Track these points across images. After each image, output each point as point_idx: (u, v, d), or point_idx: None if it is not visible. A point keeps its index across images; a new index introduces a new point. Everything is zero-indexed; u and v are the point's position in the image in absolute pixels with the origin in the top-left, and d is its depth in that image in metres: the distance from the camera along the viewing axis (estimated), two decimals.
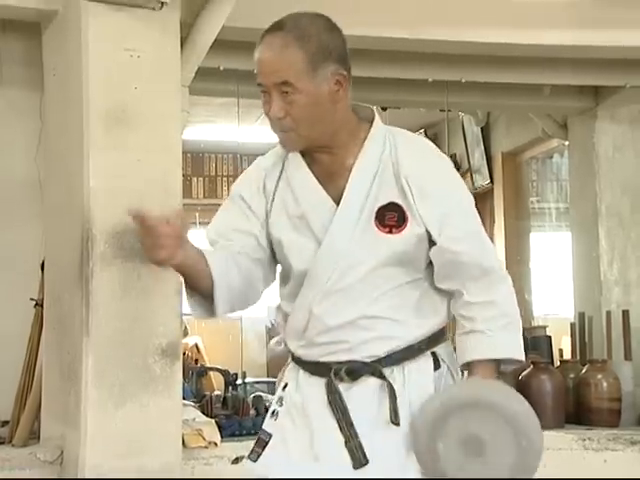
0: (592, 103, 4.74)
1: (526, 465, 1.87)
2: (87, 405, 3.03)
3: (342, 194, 1.91)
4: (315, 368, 1.96)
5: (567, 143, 5.13)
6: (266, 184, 2.00)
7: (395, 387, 1.90)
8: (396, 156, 1.94)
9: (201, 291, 1.88)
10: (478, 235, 1.96)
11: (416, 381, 1.92)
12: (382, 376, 1.91)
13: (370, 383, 1.92)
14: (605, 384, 3.98)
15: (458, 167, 6.42)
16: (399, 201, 1.90)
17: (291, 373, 2.03)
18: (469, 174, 6.27)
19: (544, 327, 4.79)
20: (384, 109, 5.54)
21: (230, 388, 4.01)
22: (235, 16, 3.33)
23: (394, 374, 1.91)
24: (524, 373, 3.96)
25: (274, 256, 2.02)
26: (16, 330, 3.48)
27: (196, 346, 5.72)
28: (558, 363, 4.29)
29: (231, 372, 4.10)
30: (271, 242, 2.00)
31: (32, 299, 3.46)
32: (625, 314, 4.33)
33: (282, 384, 2.04)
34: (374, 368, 1.91)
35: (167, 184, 3.19)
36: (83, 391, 3.04)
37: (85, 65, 3.12)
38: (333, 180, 1.94)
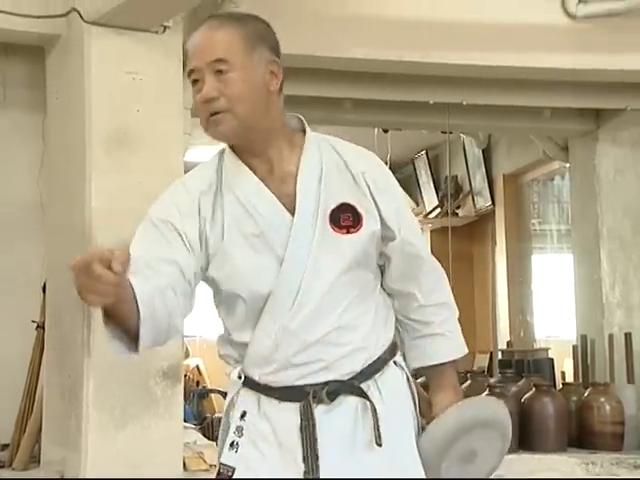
0: (593, 126, 4.76)
1: (502, 457, 2.02)
2: (88, 428, 3.02)
3: (293, 203, 1.85)
4: (287, 393, 1.86)
5: (568, 165, 5.14)
6: (201, 206, 1.86)
7: (374, 403, 1.87)
8: (340, 155, 1.92)
9: (123, 326, 1.72)
10: (420, 231, 2.04)
11: (391, 394, 1.91)
12: (361, 394, 1.87)
13: (349, 403, 1.87)
14: (608, 407, 3.96)
15: (460, 189, 6.44)
16: (350, 201, 1.88)
17: (248, 400, 1.90)
18: (470, 196, 6.28)
19: (546, 349, 4.78)
20: (385, 131, 5.57)
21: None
22: None
23: (371, 389, 1.88)
24: (526, 396, 3.95)
25: (196, 285, 1.87)
26: (17, 352, 3.47)
27: (197, 368, 5.71)
28: (560, 386, 4.28)
29: None
30: (202, 269, 1.85)
31: (33, 321, 3.45)
32: (627, 337, 4.32)
33: (238, 413, 1.89)
34: (352, 386, 1.87)
35: None
36: (84, 414, 3.03)
37: (87, 88, 3.13)
38: (278, 189, 1.87)
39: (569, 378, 4.46)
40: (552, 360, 4.52)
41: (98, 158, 3.13)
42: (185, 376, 3.85)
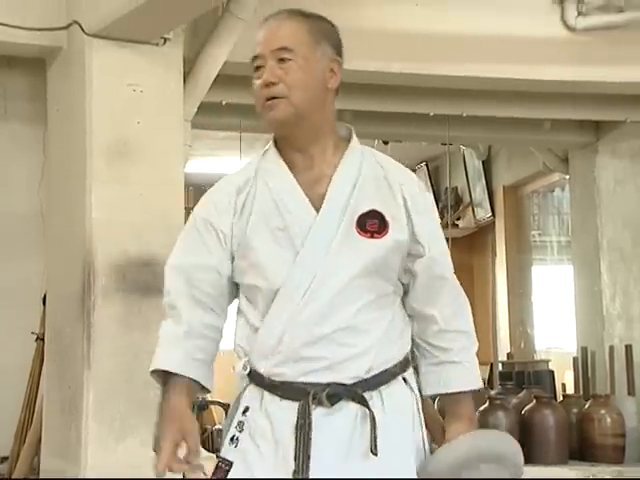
0: (593, 138, 4.77)
1: None
2: (87, 440, 3.02)
3: (321, 204, 1.89)
4: (289, 391, 1.86)
5: (568, 177, 5.15)
6: (237, 202, 1.92)
7: (375, 414, 1.86)
8: (382, 167, 1.95)
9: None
10: (449, 256, 2.03)
11: (394, 407, 1.89)
12: (362, 402, 1.86)
13: (350, 409, 1.86)
14: (609, 420, 3.95)
15: (460, 200, 6.44)
16: (379, 208, 1.90)
17: (252, 396, 1.92)
18: (471, 207, 6.28)
19: (547, 361, 4.77)
20: (386, 143, 5.57)
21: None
22: (237, 51, 3.36)
23: (373, 400, 1.87)
24: (527, 408, 3.94)
25: (234, 281, 1.95)
26: (17, 364, 3.47)
27: None
28: (561, 398, 4.27)
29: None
30: (233, 260, 1.93)
31: (33, 333, 3.45)
32: (628, 349, 4.32)
33: (241, 408, 1.94)
34: (354, 393, 1.86)
35: (169, 217, 3.20)
36: (83, 425, 3.02)
37: (88, 99, 3.14)
38: (312, 188, 1.90)
39: (570, 390, 4.45)
40: (552, 372, 4.51)
41: (99, 169, 3.13)
42: None
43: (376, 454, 1.83)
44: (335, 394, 1.85)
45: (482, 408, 3.81)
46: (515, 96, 4.18)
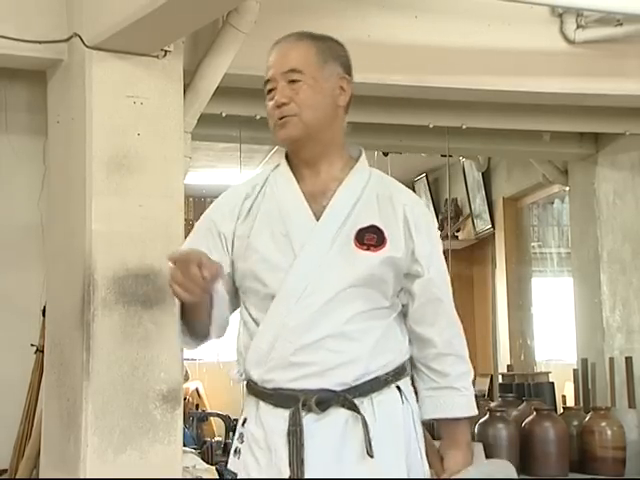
0: (592, 150, 4.77)
1: None
2: (86, 452, 3.01)
3: (322, 214, 1.94)
4: (280, 399, 1.90)
5: (568, 189, 5.16)
6: (242, 207, 1.99)
7: (366, 418, 1.88)
8: (386, 188, 2.01)
9: (192, 323, 1.91)
10: (449, 281, 2.06)
11: (385, 413, 1.91)
12: (352, 407, 1.88)
13: (340, 415, 1.89)
14: (609, 432, 3.94)
15: (460, 212, 6.45)
16: (379, 224, 1.94)
17: (249, 407, 1.97)
18: (470, 219, 6.29)
19: (547, 373, 4.76)
20: (386, 154, 5.58)
21: (231, 434, 3.98)
22: (237, 63, 3.37)
23: (364, 405, 1.90)
24: (527, 420, 3.93)
25: (235, 286, 2.00)
26: (16, 376, 3.46)
27: (197, 391, 5.69)
28: (561, 410, 4.26)
29: (232, 417, 4.07)
30: (234, 264, 1.97)
31: (33, 345, 3.45)
32: (628, 361, 4.31)
33: (241, 420, 1.99)
34: (344, 399, 1.88)
35: (169, 229, 3.20)
36: (83, 437, 3.01)
37: (89, 111, 3.15)
38: (316, 201, 1.96)
39: (570, 402, 4.45)
40: (553, 384, 4.50)
41: (99, 181, 3.13)
42: (184, 399, 3.83)
43: (372, 455, 1.85)
44: (325, 400, 1.88)
45: (482, 420, 3.80)
46: (514, 108, 4.19)
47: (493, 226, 6.07)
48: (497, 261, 6.04)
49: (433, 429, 2.24)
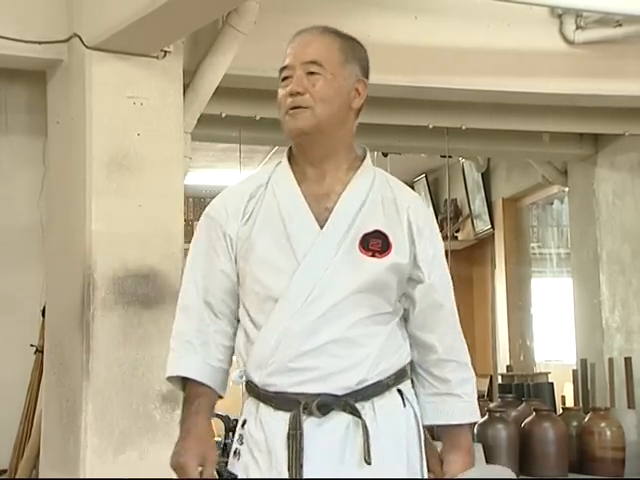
0: (592, 150, 4.78)
1: None
2: (86, 452, 3.01)
3: (327, 218, 1.91)
4: (281, 402, 1.88)
5: (567, 189, 5.16)
6: (247, 208, 1.95)
7: (367, 423, 1.86)
8: (391, 190, 1.97)
9: None
10: (452, 288, 2.03)
11: (386, 418, 1.90)
12: (353, 412, 1.87)
13: (341, 419, 1.87)
14: (609, 433, 3.94)
15: (459, 212, 6.45)
16: (384, 229, 1.92)
17: (249, 408, 1.94)
18: (470, 219, 6.29)
19: (546, 374, 4.76)
20: (385, 155, 5.58)
21: (231, 434, 3.98)
22: (237, 64, 3.37)
23: (365, 410, 1.88)
24: (526, 420, 3.93)
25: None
26: (16, 376, 3.46)
27: None
28: (561, 410, 4.26)
29: (232, 418, 4.07)
30: (237, 264, 1.96)
31: (32, 345, 3.45)
32: (627, 361, 4.31)
33: (241, 421, 1.97)
34: (345, 403, 1.87)
35: (169, 229, 3.20)
36: (82, 438, 3.02)
37: (88, 112, 3.15)
38: (319, 202, 1.93)
39: (569, 402, 4.45)
40: (552, 384, 4.50)
41: (98, 181, 3.13)
42: None
43: (370, 463, 1.84)
44: (326, 404, 1.87)
45: (482, 421, 3.80)
46: (514, 109, 4.19)
47: (492, 227, 6.08)
48: (496, 262, 6.05)
49: (433, 431, 2.24)
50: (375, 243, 1.90)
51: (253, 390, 1.94)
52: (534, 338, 5.90)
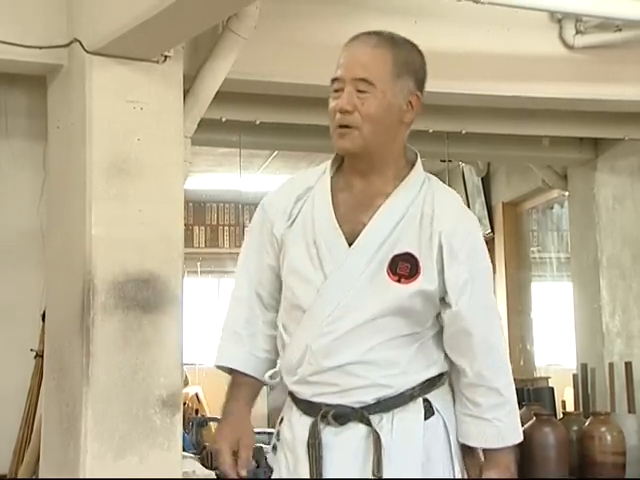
0: (592, 155, 4.78)
1: None
2: (86, 457, 3.00)
3: (359, 234, 1.89)
4: (307, 407, 1.93)
5: (567, 194, 5.16)
6: (293, 209, 1.97)
7: (382, 436, 1.86)
8: (432, 206, 1.92)
9: None
10: (492, 310, 1.98)
11: (404, 430, 1.89)
12: (369, 423, 1.87)
13: (357, 430, 1.88)
14: (609, 437, 3.93)
15: None
16: (415, 252, 1.87)
17: (287, 407, 2.01)
18: None
19: (546, 378, 4.76)
20: None
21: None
22: (237, 68, 3.37)
23: (382, 422, 1.88)
24: (527, 425, 3.92)
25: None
26: (16, 381, 3.46)
27: (196, 396, 5.68)
28: (561, 415, 4.26)
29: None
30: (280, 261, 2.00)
31: (32, 350, 3.45)
32: (628, 366, 4.31)
33: (279, 417, 2.03)
34: (361, 415, 1.88)
35: (169, 234, 3.20)
36: (82, 443, 3.01)
37: (89, 116, 3.15)
38: (356, 215, 1.91)
39: (570, 407, 4.44)
40: (552, 389, 4.49)
41: (98, 186, 3.13)
42: (184, 404, 3.82)
43: (379, 478, 1.85)
44: (343, 415, 1.88)
45: None
46: (514, 113, 4.19)
47: (492, 231, 6.08)
48: (496, 266, 6.04)
49: None
50: (404, 267, 1.86)
51: (288, 390, 2.00)
52: (534, 342, 5.90)
